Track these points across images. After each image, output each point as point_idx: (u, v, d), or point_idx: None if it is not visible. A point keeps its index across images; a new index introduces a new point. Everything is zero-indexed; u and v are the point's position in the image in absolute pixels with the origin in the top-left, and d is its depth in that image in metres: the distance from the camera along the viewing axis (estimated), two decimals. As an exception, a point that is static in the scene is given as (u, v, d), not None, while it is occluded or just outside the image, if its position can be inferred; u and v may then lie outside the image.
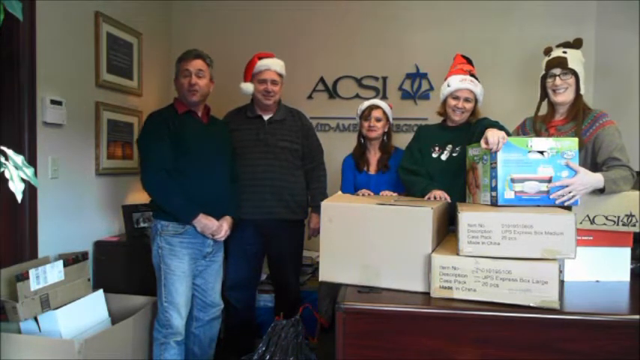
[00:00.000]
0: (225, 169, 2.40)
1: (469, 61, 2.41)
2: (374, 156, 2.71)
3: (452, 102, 2.31)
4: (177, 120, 2.29)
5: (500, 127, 2.12)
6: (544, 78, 2.11)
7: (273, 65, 2.58)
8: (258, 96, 2.58)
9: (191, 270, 2.28)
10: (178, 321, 2.24)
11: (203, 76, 2.31)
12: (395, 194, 2.30)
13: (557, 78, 2.04)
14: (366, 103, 2.75)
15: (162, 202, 2.24)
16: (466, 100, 2.29)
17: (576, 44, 2.09)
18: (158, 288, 2.27)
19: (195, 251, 2.29)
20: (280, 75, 2.61)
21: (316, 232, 2.62)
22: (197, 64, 2.31)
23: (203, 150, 2.30)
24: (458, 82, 2.30)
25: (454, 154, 2.30)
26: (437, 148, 2.36)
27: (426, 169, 2.34)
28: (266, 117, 2.63)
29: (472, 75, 2.33)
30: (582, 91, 2.05)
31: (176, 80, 2.36)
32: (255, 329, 2.81)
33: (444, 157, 2.33)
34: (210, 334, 2.44)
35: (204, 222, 2.24)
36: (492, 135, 1.75)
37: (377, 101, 2.76)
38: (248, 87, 2.60)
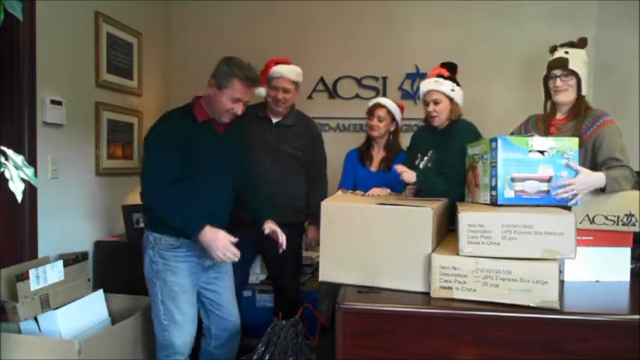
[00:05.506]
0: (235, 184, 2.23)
1: (448, 67, 2.32)
2: (377, 154, 2.71)
3: (426, 109, 2.29)
4: (192, 130, 2.06)
5: (473, 130, 2.17)
6: (546, 78, 2.11)
7: (287, 73, 2.54)
8: (269, 100, 2.57)
9: (192, 284, 2.10)
10: (180, 340, 2.06)
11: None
12: (388, 191, 2.30)
13: (558, 79, 2.04)
14: (373, 101, 2.73)
15: (163, 213, 1.99)
16: (435, 102, 2.24)
17: (581, 44, 2.08)
18: (154, 306, 2.07)
19: (194, 265, 2.11)
20: (295, 82, 2.57)
21: (314, 242, 2.60)
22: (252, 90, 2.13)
23: (216, 167, 2.10)
24: (423, 86, 2.29)
25: (429, 165, 2.28)
26: (419, 155, 2.34)
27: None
28: (275, 120, 2.61)
29: (441, 76, 2.26)
30: (584, 92, 2.05)
31: (220, 90, 2.03)
32: (248, 329, 2.78)
33: (422, 165, 2.32)
34: (229, 356, 2.27)
35: (209, 237, 1.94)
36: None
37: (382, 100, 2.72)
38: (260, 91, 2.57)
